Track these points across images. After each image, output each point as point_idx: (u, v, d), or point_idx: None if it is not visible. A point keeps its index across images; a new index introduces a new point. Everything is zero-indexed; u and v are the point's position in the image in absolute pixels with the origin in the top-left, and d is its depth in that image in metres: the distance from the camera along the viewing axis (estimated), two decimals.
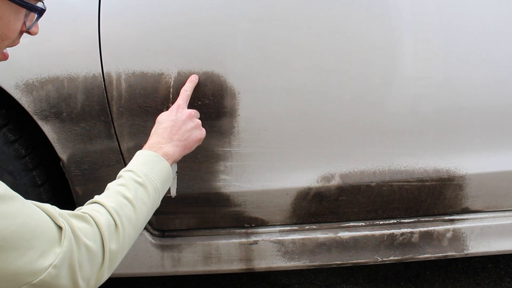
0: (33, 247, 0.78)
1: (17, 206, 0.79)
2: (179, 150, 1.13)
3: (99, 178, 1.32)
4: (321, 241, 1.45)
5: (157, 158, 1.07)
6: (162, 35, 1.24)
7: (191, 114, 1.18)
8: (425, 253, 1.49)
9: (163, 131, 1.13)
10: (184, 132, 1.14)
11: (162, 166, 1.07)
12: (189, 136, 1.15)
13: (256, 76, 1.27)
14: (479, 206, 1.47)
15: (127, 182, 1.01)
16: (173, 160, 1.11)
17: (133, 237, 0.97)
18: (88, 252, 0.86)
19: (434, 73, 1.31)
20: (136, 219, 0.97)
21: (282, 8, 1.25)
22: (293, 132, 1.32)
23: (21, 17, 0.82)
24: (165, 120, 1.15)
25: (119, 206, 0.95)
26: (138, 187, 1.01)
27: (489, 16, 1.31)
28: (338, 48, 1.28)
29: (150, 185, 1.02)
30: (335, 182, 1.38)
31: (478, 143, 1.39)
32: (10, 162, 1.30)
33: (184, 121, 1.15)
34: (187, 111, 1.18)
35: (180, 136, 1.14)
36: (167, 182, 1.09)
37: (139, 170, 1.04)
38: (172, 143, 1.11)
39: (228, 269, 1.46)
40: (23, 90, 1.23)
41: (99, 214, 0.92)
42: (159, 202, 1.06)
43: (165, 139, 1.12)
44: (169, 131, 1.13)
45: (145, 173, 1.03)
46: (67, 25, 1.22)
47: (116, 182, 1.03)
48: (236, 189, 1.36)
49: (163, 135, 1.12)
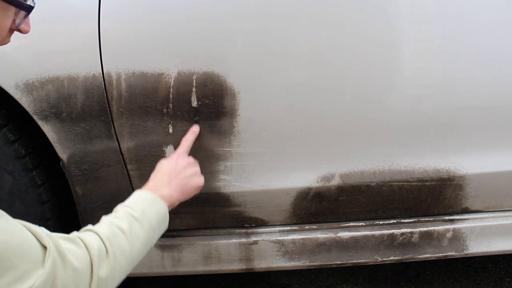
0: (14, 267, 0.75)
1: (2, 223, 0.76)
2: (176, 194, 1.14)
3: (99, 178, 1.32)
4: (321, 241, 1.45)
5: (154, 198, 1.09)
6: (162, 35, 1.24)
7: (191, 161, 1.21)
8: (425, 253, 1.49)
9: (162, 175, 1.15)
10: (183, 178, 1.17)
11: (160, 206, 1.08)
12: (187, 182, 1.17)
13: (256, 76, 1.27)
14: (479, 206, 1.47)
15: (122, 216, 1.01)
16: (171, 203, 1.12)
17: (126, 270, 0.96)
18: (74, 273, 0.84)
19: (434, 73, 1.31)
20: (129, 251, 0.96)
21: (282, 8, 1.25)
22: (293, 132, 1.32)
23: (9, 14, 0.79)
24: (164, 166, 1.18)
25: (112, 235, 0.95)
26: (134, 221, 1.01)
27: (489, 16, 1.31)
28: (338, 48, 1.28)
29: (145, 222, 1.02)
30: (335, 182, 1.38)
31: (478, 143, 1.39)
32: (10, 162, 1.30)
33: (183, 167, 1.18)
34: (187, 159, 1.21)
35: (178, 181, 1.15)
36: (164, 223, 1.09)
37: (136, 207, 1.04)
38: (170, 187, 1.13)
39: (228, 269, 1.46)
40: (23, 90, 1.23)
41: (90, 238, 0.91)
42: (154, 242, 1.06)
43: (164, 182, 1.14)
44: (167, 175, 1.15)
45: (142, 210, 1.04)
46: (67, 24, 1.22)
47: (111, 215, 1.03)
48: (236, 189, 1.36)
49: (162, 179, 1.14)
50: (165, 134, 1.29)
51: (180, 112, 1.27)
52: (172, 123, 1.28)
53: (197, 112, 1.27)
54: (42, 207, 1.36)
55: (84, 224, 1.39)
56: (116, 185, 1.33)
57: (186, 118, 1.28)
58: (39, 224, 1.38)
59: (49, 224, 1.39)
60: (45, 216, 1.38)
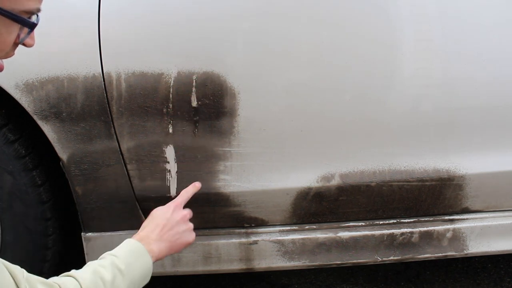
0: None
1: None
2: (165, 250, 1.15)
3: (99, 178, 1.32)
4: (321, 241, 1.45)
5: (143, 251, 1.09)
6: (162, 35, 1.24)
7: (186, 216, 1.21)
8: (425, 253, 1.49)
9: (154, 227, 1.16)
10: (174, 233, 1.17)
11: (146, 261, 1.09)
12: (178, 239, 1.18)
13: (256, 76, 1.27)
14: (479, 206, 1.47)
15: (108, 265, 1.01)
16: (156, 259, 1.13)
17: None
18: None
19: (434, 73, 1.31)
20: None
21: (282, 8, 1.25)
22: (293, 132, 1.32)
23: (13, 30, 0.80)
24: (159, 216, 1.18)
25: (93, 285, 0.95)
26: (118, 273, 1.01)
27: (489, 16, 1.31)
28: (338, 48, 1.28)
29: (129, 276, 1.03)
30: (335, 182, 1.38)
31: (478, 143, 1.39)
32: (10, 162, 1.30)
33: (177, 222, 1.19)
34: (182, 212, 1.21)
35: (170, 236, 1.16)
36: (145, 280, 1.10)
37: (123, 258, 1.04)
38: (160, 242, 1.14)
39: (228, 269, 1.46)
40: (23, 90, 1.23)
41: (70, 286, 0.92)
42: None
43: (155, 235, 1.14)
44: (160, 229, 1.16)
45: (128, 262, 1.04)
46: (67, 24, 1.22)
47: (97, 262, 1.03)
48: (236, 189, 1.36)
49: (154, 231, 1.15)
50: (165, 134, 1.29)
51: (180, 112, 1.27)
52: (172, 123, 1.28)
53: (197, 112, 1.27)
54: (42, 207, 1.36)
55: (84, 224, 1.39)
56: (116, 185, 1.33)
57: (186, 118, 1.28)
58: (39, 224, 1.39)
59: (49, 224, 1.39)
60: (45, 216, 1.38)
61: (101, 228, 1.39)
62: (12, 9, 0.77)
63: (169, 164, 1.32)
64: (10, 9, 0.77)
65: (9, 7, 0.76)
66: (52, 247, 1.43)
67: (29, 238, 1.38)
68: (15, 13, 0.77)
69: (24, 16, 0.80)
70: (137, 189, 1.34)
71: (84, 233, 1.40)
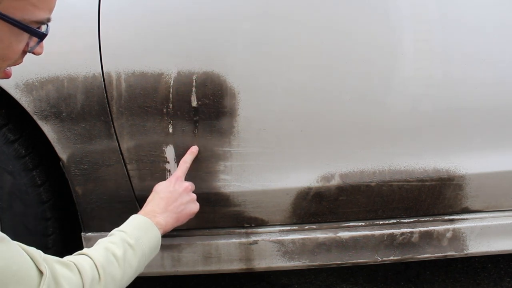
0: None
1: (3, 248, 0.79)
2: (171, 221, 1.17)
3: (99, 178, 1.32)
4: (321, 241, 1.45)
5: (150, 225, 1.11)
6: (162, 35, 1.24)
7: (188, 187, 1.23)
8: (425, 253, 1.49)
9: (159, 201, 1.18)
10: (179, 204, 1.19)
11: (154, 234, 1.11)
12: (183, 210, 1.20)
13: (256, 76, 1.27)
14: (479, 206, 1.47)
15: (118, 241, 1.03)
16: (164, 231, 1.15)
17: None
18: None
19: (434, 73, 1.31)
20: (120, 279, 0.99)
21: (282, 8, 1.25)
22: (293, 132, 1.32)
23: (23, 39, 0.81)
24: (162, 190, 1.20)
25: (106, 262, 0.97)
26: (128, 248, 1.03)
27: (489, 16, 1.31)
28: (338, 48, 1.28)
29: (139, 249, 1.05)
30: (335, 182, 1.38)
31: (478, 143, 1.39)
32: (10, 162, 1.30)
33: (180, 194, 1.21)
34: (184, 184, 1.23)
35: (174, 208, 1.18)
36: (155, 251, 1.12)
37: (132, 233, 1.07)
38: (166, 214, 1.16)
39: (228, 269, 1.46)
40: (23, 90, 1.23)
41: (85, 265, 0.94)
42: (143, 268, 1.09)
43: (160, 209, 1.16)
44: (165, 201, 1.18)
45: (137, 236, 1.07)
46: (67, 24, 1.22)
47: (107, 239, 1.05)
48: (236, 189, 1.36)
49: (159, 205, 1.17)
50: (165, 134, 1.29)
51: (180, 112, 1.27)
52: (172, 123, 1.28)
53: (197, 112, 1.27)
54: (42, 207, 1.37)
55: (84, 224, 1.39)
56: (116, 185, 1.33)
57: (186, 118, 1.28)
58: (39, 224, 1.39)
59: (49, 224, 1.39)
60: (45, 216, 1.38)
61: (101, 228, 1.39)
62: (23, 19, 0.77)
63: (169, 164, 1.32)
64: (20, 19, 0.77)
65: (19, 17, 0.77)
66: (52, 247, 1.43)
67: (29, 238, 1.38)
68: (25, 23, 0.78)
69: (34, 26, 0.80)
70: (137, 189, 1.34)
71: (84, 233, 1.40)
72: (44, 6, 0.80)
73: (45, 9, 0.81)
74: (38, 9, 0.79)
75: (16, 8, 0.76)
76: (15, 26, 0.77)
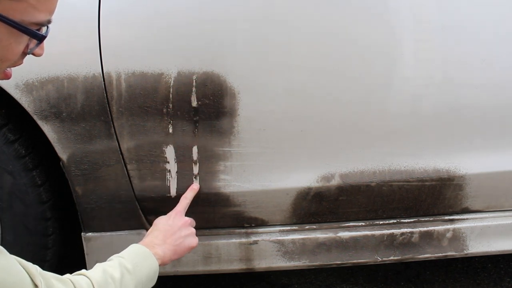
0: None
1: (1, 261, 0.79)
2: (169, 254, 1.17)
3: (99, 178, 1.32)
4: (321, 241, 1.45)
5: (148, 254, 1.12)
6: (162, 35, 1.24)
7: (187, 221, 1.25)
8: (425, 253, 1.49)
9: (158, 233, 1.19)
10: (177, 237, 1.21)
11: (152, 263, 1.11)
12: (181, 243, 1.21)
13: (256, 76, 1.27)
14: (479, 206, 1.47)
15: (116, 265, 1.04)
16: (162, 262, 1.15)
17: None
18: None
19: (434, 73, 1.31)
20: None
21: (282, 8, 1.25)
22: (293, 132, 1.32)
23: (22, 40, 0.80)
24: (161, 223, 1.22)
25: (104, 283, 0.98)
26: (126, 272, 1.04)
27: (489, 16, 1.31)
28: (338, 48, 1.28)
29: (136, 275, 1.05)
30: (335, 182, 1.38)
31: (478, 143, 1.39)
32: (10, 162, 1.30)
33: (179, 227, 1.22)
34: (184, 218, 1.25)
35: (173, 241, 1.19)
36: (152, 281, 1.12)
37: (130, 259, 1.07)
38: (164, 246, 1.17)
39: (228, 269, 1.46)
40: (23, 90, 1.23)
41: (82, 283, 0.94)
42: None
43: (159, 240, 1.17)
44: (163, 234, 1.19)
45: (135, 262, 1.07)
46: (67, 25, 1.22)
47: (105, 263, 1.06)
48: (236, 189, 1.36)
49: (157, 237, 1.18)
50: (165, 134, 1.29)
51: (180, 112, 1.27)
52: (172, 123, 1.28)
53: (197, 112, 1.27)
54: (42, 207, 1.36)
55: (84, 224, 1.39)
56: (116, 185, 1.33)
57: (186, 118, 1.28)
58: (39, 224, 1.38)
59: (49, 224, 1.39)
60: (45, 216, 1.38)
61: (101, 228, 1.39)
62: (22, 21, 0.76)
63: (169, 164, 1.32)
64: (19, 21, 0.76)
65: (19, 19, 0.76)
66: (52, 247, 1.43)
67: (29, 238, 1.38)
68: (24, 25, 0.77)
69: (34, 27, 0.79)
70: (137, 189, 1.34)
71: (84, 233, 1.40)
72: (44, 8, 0.79)
73: (45, 11, 0.80)
74: (38, 11, 0.78)
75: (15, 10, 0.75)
76: (14, 28, 0.76)
